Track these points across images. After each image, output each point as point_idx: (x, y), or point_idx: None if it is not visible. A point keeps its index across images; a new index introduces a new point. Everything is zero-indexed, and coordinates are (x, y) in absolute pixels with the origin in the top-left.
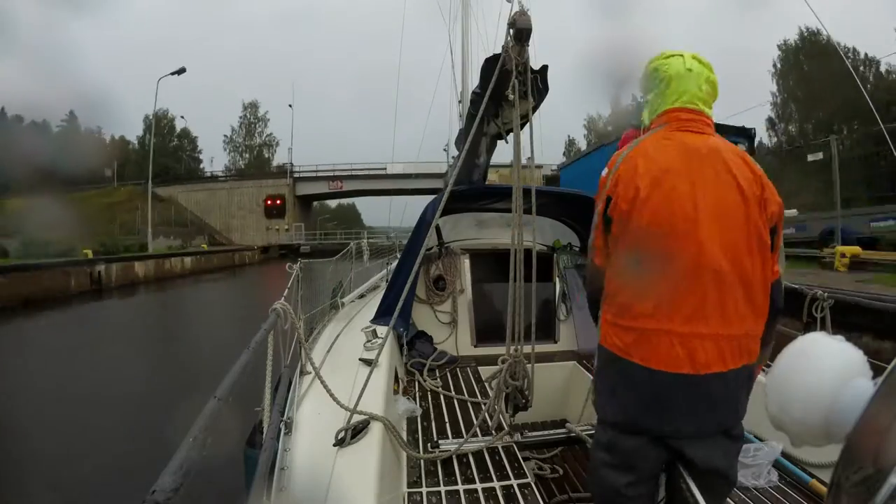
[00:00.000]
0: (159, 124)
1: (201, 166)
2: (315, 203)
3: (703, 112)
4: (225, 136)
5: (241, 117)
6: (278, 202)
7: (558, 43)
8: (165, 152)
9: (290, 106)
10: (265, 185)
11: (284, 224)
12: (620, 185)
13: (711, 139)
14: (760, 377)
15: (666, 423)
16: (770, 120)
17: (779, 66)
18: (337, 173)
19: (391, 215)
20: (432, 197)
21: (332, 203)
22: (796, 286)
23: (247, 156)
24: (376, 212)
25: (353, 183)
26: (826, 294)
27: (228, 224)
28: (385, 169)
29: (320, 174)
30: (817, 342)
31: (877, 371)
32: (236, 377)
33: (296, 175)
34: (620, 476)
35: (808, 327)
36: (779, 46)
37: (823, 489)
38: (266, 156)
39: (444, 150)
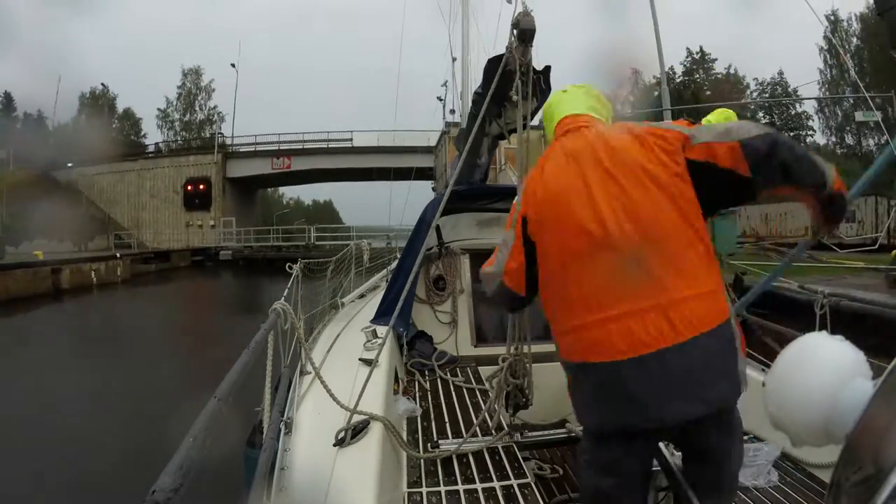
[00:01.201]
0: (96, 104)
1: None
2: (265, 191)
3: (582, 115)
4: (159, 109)
5: (179, 87)
6: (202, 187)
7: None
8: (100, 135)
9: (232, 65)
10: (185, 165)
11: (210, 218)
12: (529, 207)
13: (590, 129)
14: (760, 377)
15: (644, 415)
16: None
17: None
18: (283, 147)
19: (367, 210)
20: (423, 182)
21: (307, 199)
22: (796, 286)
23: (185, 134)
24: (360, 210)
25: (305, 160)
26: (826, 292)
27: (138, 218)
28: (351, 140)
29: (261, 149)
30: (817, 342)
31: (877, 371)
32: (236, 377)
33: (227, 151)
34: (605, 479)
35: (809, 327)
36: (827, 17)
37: (823, 489)
38: (208, 134)
39: (439, 98)
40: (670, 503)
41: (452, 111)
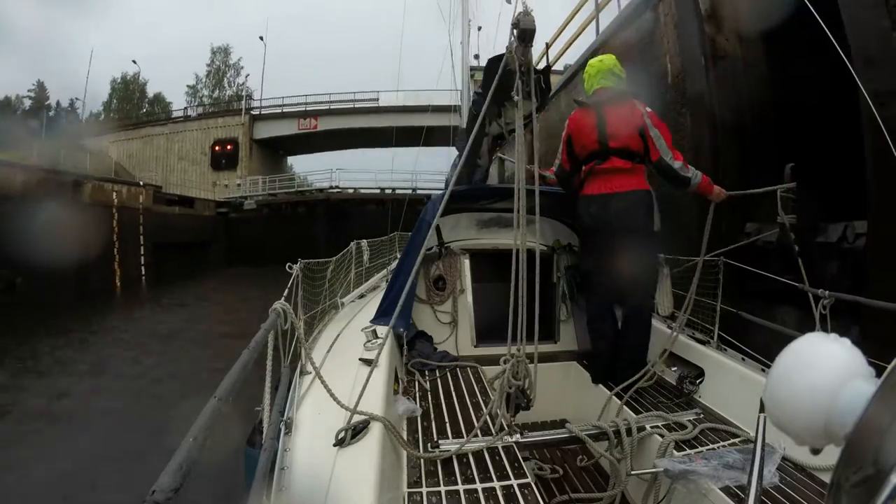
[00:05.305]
0: (127, 89)
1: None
2: (298, 178)
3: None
4: (188, 86)
5: (208, 64)
6: (229, 148)
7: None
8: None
9: (261, 38)
10: (213, 127)
11: (236, 178)
12: None
13: None
14: (760, 377)
15: None
16: None
17: None
18: (310, 108)
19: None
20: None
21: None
22: (797, 284)
23: (214, 110)
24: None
25: (331, 120)
26: (827, 293)
27: (166, 180)
28: (377, 100)
29: (287, 111)
30: (816, 342)
31: (877, 371)
32: (236, 377)
33: (254, 112)
34: None
35: (808, 326)
36: None
37: (823, 489)
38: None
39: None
40: None
41: (477, 56)
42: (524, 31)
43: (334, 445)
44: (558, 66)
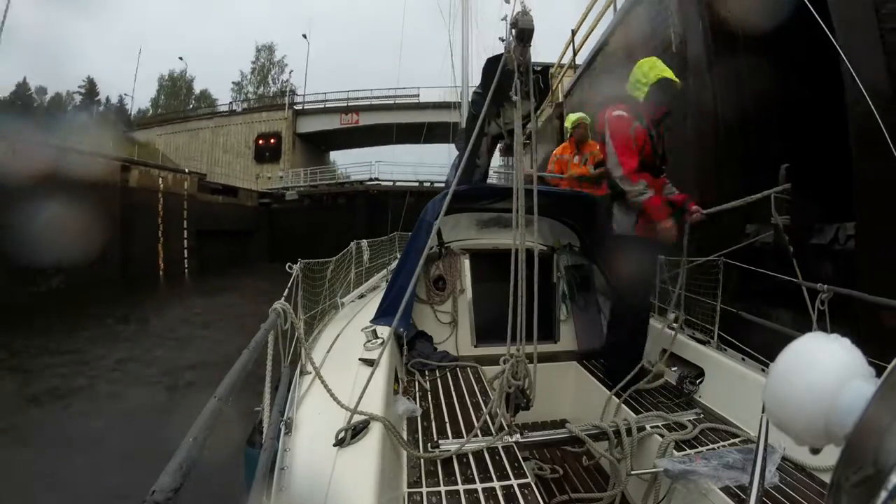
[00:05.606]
0: (175, 86)
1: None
2: (334, 155)
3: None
4: (234, 83)
5: (253, 62)
6: (272, 141)
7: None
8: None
9: (304, 36)
10: (257, 121)
11: (279, 170)
12: None
13: None
14: (760, 377)
15: None
16: None
17: None
18: (352, 104)
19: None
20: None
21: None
22: (795, 279)
23: (258, 105)
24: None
25: (372, 116)
26: (826, 286)
27: (212, 171)
28: (417, 97)
29: (329, 105)
30: (816, 342)
31: (877, 371)
32: (236, 377)
33: (297, 107)
34: None
35: (807, 322)
36: None
37: (823, 489)
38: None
39: (501, 39)
40: None
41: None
42: (522, 31)
43: (334, 445)
44: (584, 51)
